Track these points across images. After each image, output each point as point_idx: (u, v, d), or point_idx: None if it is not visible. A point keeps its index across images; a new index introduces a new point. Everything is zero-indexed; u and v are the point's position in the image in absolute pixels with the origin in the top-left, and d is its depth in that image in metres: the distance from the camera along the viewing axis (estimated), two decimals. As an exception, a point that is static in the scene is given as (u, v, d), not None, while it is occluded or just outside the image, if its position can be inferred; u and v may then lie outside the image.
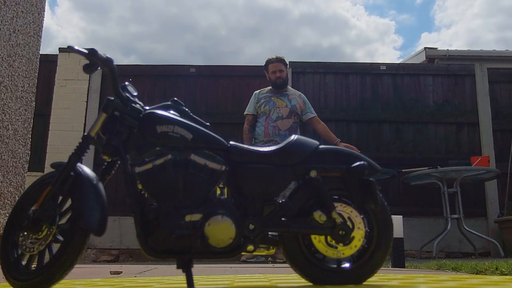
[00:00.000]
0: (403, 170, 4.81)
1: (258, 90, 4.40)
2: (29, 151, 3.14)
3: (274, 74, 4.25)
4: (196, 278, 1.50)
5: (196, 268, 1.51)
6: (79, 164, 1.50)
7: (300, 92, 4.45)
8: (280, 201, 1.55)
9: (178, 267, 1.43)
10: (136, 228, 1.42)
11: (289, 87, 4.46)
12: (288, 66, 4.42)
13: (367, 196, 1.52)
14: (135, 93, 1.61)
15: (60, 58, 5.60)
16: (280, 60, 4.27)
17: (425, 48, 8.52)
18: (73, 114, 5.46)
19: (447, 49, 8.41)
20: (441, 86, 5.71)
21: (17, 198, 2.30)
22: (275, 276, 2.06)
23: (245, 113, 4.32)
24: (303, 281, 1.56)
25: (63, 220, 1.47)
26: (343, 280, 1.53)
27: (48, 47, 20.71)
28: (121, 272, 2.41)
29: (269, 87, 4.35)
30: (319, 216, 1.49)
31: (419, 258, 4.65)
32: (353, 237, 1.52)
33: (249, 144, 3.89)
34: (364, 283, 1.54)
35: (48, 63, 5.46)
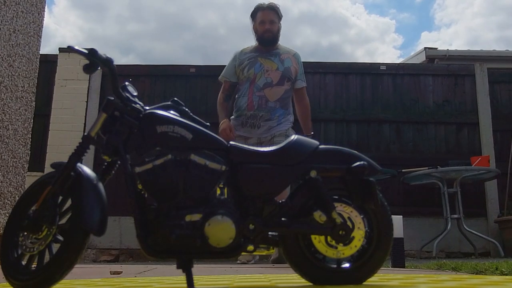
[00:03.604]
0: (403, 170, 4.81)
1: (240, 49, 3.42)
2: (29, 151, 3.14)
3: (263, 26, 3.26)
4: (196, 278, 1.50)
5: (196, 268, 1.51)
6: (79, 164, 1.50)
7: (295, 51, 3.48)
8: (280, 201, 1.55)
9: (178, 267, 1.43)
10: (136, 228, 1.42)
11: (281, 44, 3.44)
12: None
13: (367, 196, 1.52)
14: (135, 93, 1.61)
15: (60, 58, 5.60)
16: (272, 8, 3.31)
17: (425, 48, 8.53)
18: (73, 114, 5.46)
19: (447, 49, 8.43)
20: (441, 86, 5.71)
21: (17, 198, 2.30)
22: (275, 276, 2.06)
23: (219, 78, 3.45)
24: (303, 281, 1.56)
25: (63, 220, 1.47)
26: (343, 280, 1.53)
27: (46, 46, 20.89)
28: (121, 272, 2.41)
29: (254, 45, 3.39)
30: (319, 216, 1.49)
31: (419, 258, 4.65)
32: (353, 237, 1.52)
33: (225, 115, 3.34)
34: (364, 283, 1.54)
35: (48, 63, 5.46)
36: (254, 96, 3.24)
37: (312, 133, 3.33)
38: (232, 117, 3.41)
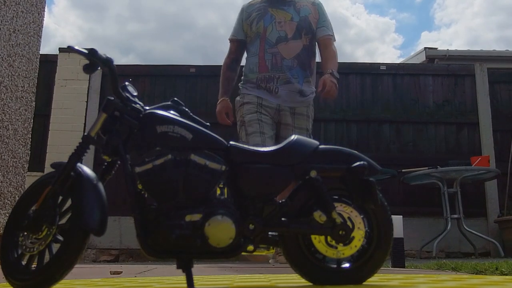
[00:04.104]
0: (403, 170, 4.81)
1: (247, 2, 2.94)
2: (29, 151, 3.14)
3: None
4: (196, 278, 1.50)
5: (196, 268, 1.51)
6: (79, 164, 1.50)
7: None
8: (280, 201, 1.55)
9: (178, 267, 1.43)
10: (136, 228, 1.42)
11: None
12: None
13: (367, 196, 1.51)
14: (135, 93, 1.61)
15: (60, 58, 5.60)
16: None
17: (425, 48, 8.54)
18: (73, 114, 5.46)
19: (447, 49, 8.44)
20: (441, 86, 5.72)
21: (17, 198, 2.30)
22: (275, 276, 2.06)
23: (229, 38, 2.98)
24: (303, 281, 1.56)
25: (63, 220, 1.47)
26: (343, 280, 1.53)
27: (46, 46, 21.00)
28: (121, 272, 2.41)
29: None
30: (319, 216, 1.49)
31: (419, 258, 4.65)
32: (353, 237, 1.52)
33: (226, 90, 2.95)
34: (364, 283, 1.54)
35: (48, 63, 5.46)
36: (266, 54, 2.72)
37: (329, 70, 2.75)
38: (241, 82, 2.92)
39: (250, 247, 1.48)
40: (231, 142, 1.58)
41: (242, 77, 2.92)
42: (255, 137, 2.74)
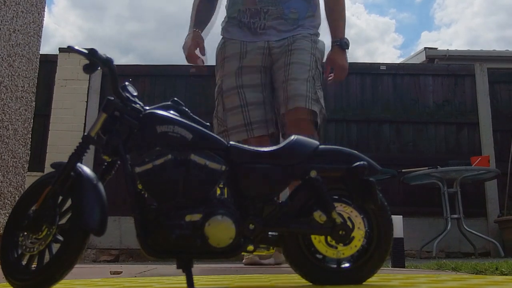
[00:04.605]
0: (403, 170, 4.82)
1: None
2: (29, 151, 3.14)
3: None
4: (196, 278, 1.50)
5: (196, 268, 1.51)
6: (79, 164, 1.50)
7: None
8: (280, 201, 1.55)
9: (178, 267, 1.43)
10: (136, 228, 1.42)
11: None
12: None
13: (367, 196, 1.51)
14: (135, 93, 1.61)
15: (60, 58, 5.61)
16: None
17: (425, 48, 8.56)
18: (73, 114, 5.47)
19: (447, 49, 8.45)
20: (441, 86, 5.72)
21: (17, 198, 2.30)
22: (275, 276, 2.06)
23: None
24: (303, 281, 1.56)
25: (63, 220, 1.47)
26: (343, 280, 1.52)
27: (45, 46, 21.00)
28: (121, 272, 2.41)
29: None
30: (319, 216, 1.49)
31: (419, 258, 4.65)
32: (353, 237, 1.51)
33: (197, 21, 2.44)
34: (364, 283, 1.54)
35: (48, 63, 5.47)
36: None
37: (337, 41, 2.29)
38: (222, 21, 2.39)
39: (250, 247, 1.48)
40: (231, 142, 1.58)
41: (226, 10, 2.36)
42: (236, 114, 2.25)
